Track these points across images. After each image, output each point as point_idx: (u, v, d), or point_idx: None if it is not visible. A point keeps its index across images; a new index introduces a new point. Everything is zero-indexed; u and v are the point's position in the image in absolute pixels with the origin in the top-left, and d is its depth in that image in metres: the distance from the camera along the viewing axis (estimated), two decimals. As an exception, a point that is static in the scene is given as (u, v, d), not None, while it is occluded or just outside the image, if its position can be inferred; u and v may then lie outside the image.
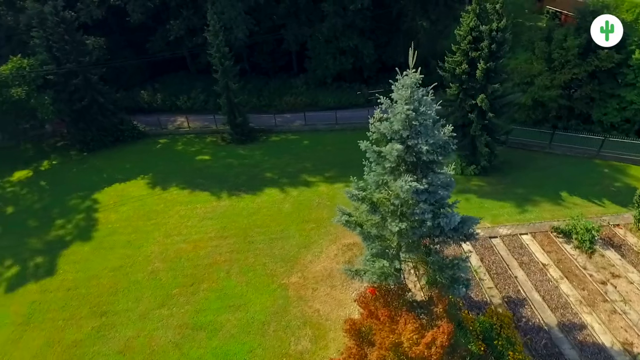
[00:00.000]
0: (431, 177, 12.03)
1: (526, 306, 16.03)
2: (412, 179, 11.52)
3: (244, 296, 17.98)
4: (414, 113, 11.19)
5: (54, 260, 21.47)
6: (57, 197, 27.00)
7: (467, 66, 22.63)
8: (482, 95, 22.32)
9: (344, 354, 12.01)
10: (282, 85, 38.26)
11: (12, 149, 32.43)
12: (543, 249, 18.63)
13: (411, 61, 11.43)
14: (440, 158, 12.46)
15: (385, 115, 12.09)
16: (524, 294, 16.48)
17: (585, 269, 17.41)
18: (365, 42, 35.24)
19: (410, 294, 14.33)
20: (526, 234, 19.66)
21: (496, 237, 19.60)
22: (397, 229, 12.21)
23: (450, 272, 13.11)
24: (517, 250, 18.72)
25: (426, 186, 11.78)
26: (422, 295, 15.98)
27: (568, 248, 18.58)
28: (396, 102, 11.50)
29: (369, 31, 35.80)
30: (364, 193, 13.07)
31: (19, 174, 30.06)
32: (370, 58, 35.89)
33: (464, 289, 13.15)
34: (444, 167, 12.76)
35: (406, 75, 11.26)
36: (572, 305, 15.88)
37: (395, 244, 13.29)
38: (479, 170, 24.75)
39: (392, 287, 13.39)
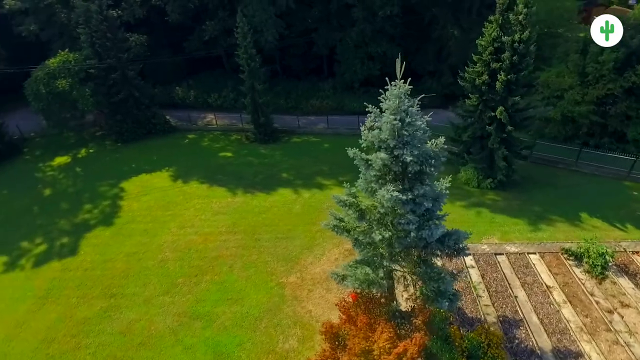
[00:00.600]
0: (418, 188, 12.01)
1: (522, 328, 15.51)
2: (394, 188, 11.58)
3: (243, 291, 18.57)
4: (400, 123, 11.26)
5: (78, 242, 23.08)
6: (89, 183, 28.93)
7: (487, 77, 22.11)
8: (501, 108, 21.73)
9: (318, 355, 12.22)
10: (310, 88, 38.81)
11: (56, 136, 35.00)
12: (550, 271, 17.90)
13: (399, 72, 11.53)
14: (430, 169, 12.36)
15: (375, 124, 12.21)
16: (521, 315, 15.94)
17: (592, 295, 16.58)
18: (394, 49, 35.07)
19: (395, 303, 14.31)
20: (534, 253, 18.94)
21: (502, 254, 19.03)
22: (379, 237, 12.30)
23: (435, 284, 13.01)
24: (521, 270, 18.10)
25: (410, 197, 11.80)
26: (408, 305, 15.85)
27: (577, 272, 17.74)
28: (384, 111, 11.61)
29: (398, 38, 35.65)
30: (352, 199, 13.24)
31: (59, 160, 32.44)
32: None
33: (446, 303, 12.99)
34: (439, 179, 12.72)
35: (394, 85, 11.35)
36: (571, 331, 15.20)
37: (381, 252, 13.34)
38: (495, 184, 24.04)
39: (376, 295, 13.45)
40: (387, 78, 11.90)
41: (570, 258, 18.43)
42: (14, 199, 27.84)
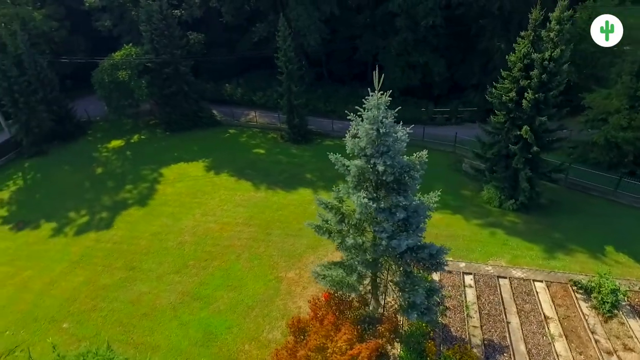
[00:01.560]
0: (393, 198, 12.28)
1: (505, 355, 15.01)
2: (366, 195, 11.98)
3: (243, 280, 19.69)
4: (376, 133, 11.65)
5: (114, 217, 25.66)
6: (134, 166, 31.84)
7: (515, 94, 21.35)
8: (526, 127, 20.88)
9: (282, 346, 12.89)
10: (350, 94, 39.25)
11: (116, 122, 38.68)
12: (553, 301, 17.02)
13: (376, 83, 11.89)
14: (410, 181, 12.60)
15: (358, 132, 12.66)
16: (509, 342, 15.40)
17: (593, 332, 15.57)
18: (437, 60, 34.62)
19: (370, 308, 14.55)
20: (541, 281, 18.06)
21: (505, 277, 18.37)
22: (352, 242, 12.72)
23: (407, 295, 13.15)
24: (522, 296, 17.38)
25: (383, 205, 12.11)
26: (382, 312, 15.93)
27: (583, 306, 16.71)
28: (363, 121, 12.05)
29: (443, 48, 35.07)
30: (335, 203, 13.75)
31: (115, 143, 35.94)
32: (440, 76, 35.17)
33: (415, 315, 13.04)
34: (429, 192, 12.86)
35: (372, 96, 11.76)
36: (559, 366, 14.47)
37: (355, 256, 13.70)
38: (517, 206, 23.04)
39: (349, 297, 13.84)
40: (367, 90, 12.30)
41: (580, 291, 17.36)
42: (72, 174, 31.43)
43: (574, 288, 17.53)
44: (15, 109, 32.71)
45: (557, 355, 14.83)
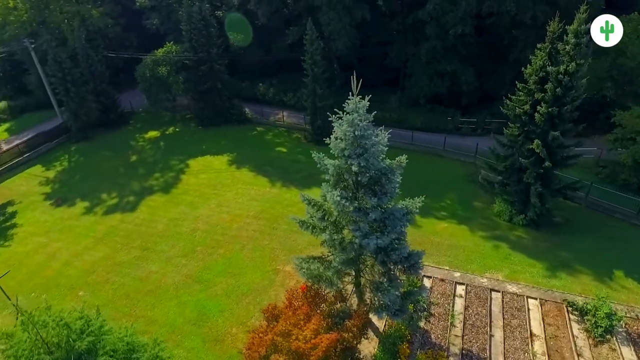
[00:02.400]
0: (367, 198, 12.80)
1: (481, 366, 14.96)
2: (339, 194, 12.56)
3: (243, 269, 20.76)
4: (352, 135, 12.22)
5: (139, 202, 27.72)
6: (165, 156, 34.05)
7: (529, 107, 20.93)
8: (537, 141, 20.42)
9: (254, 329, 13.71)
10: (378, 99, 39.53)
11: (156, 114, 41.33)
12: (543, 320, 16.63)
13: (354, 88, 12.43)
14: (386, 183, 13.02)
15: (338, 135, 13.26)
16: (487, 355, 15.30)
17: (579, 355, 15.11)
18: (466, 69, 34.14)
19: (346, 304, 15.04)
20: (535, 298, 17.65)
21: (499, 291, 18.12)
22: (327, 237, 13.33)
23: (380, 295, 13.55)
24: (511, 311, 17.11)
25: (357, 205, 12.66)
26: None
27: (575, 327, 16.21)
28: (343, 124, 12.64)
29: (473, 57, 34.52)
30: (319, 200, 14.42)
31: (152, 134, 38.51)
32: (468, 85, 34.64)
33: (384, 314, 13.41)
34: (414, 198, 13.24)
35: (351, 99, 12.34)
36: (535, 384, 14.22)
37: (332, 253, 14.28)
38: (526, 222, 22.48)
39: (324, 291, 14.43)
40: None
41: (575, 312, 16.82)
42: (110, 160, 34.15)
43: (569, 309, 17.01)
44: (67, 98, 35.97)
45: (535, 373, 14.59)
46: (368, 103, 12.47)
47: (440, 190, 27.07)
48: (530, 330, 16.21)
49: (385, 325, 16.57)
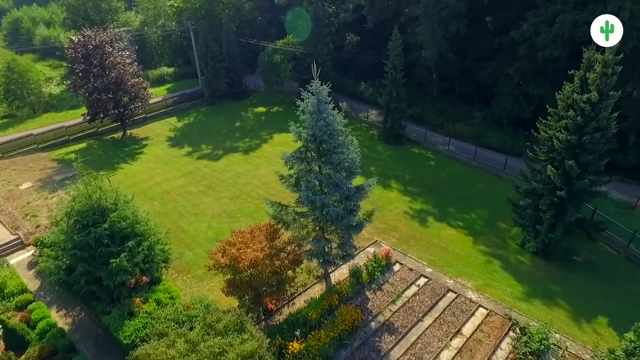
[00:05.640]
0: (323, 166, 16.25)
1: (392, 336, 16.74)
2: (298, 156, 16.29)
3: (263, 215, 25.51)
4: (317, 114, 15.82)
5: (222, 156, 34.98)
6: (260, 127, 41.05)
7: (555, 132, 20.55)
8: (550, 167, 20.10)
9: (224, 240, 18.25)
10: (463, 113, 39.88)
11: (269, 94, 49.11)
12: (480, 326, 17.27)
13: (315, 73, 15.83)
14: (339, 154, 16.25)
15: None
16: (404, 331, 16.97)
17: (491, 361, 15.72)
18: (554, 95, 32.27)
19: (295, 247, 18.37)
20: (486, 309, 18.13)
21: (456, 293, 19.04)
22: (287, 185, 17.16)
23: (314, 243, 16.85)
24: (454, 311, 18.07)
25: (309, 168, 16.28)
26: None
27: (506, 341, 16.59)
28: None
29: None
30: (294, 160, 18.22)
31: (260, 109, 46.24)
32: (555, 112, 32.70)
33: (313, 259, 16.68)
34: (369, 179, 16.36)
35: (312, 83, 15.87)
36: (431, 365, 15.61)
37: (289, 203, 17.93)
38: (534, 249, 21.94)
39: (282, 231, 18.19)
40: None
41: (517, 331, 16.98)
42: (220, 123, 42.74)
43: (513, 327, 17.20)
44: (206, 70, 46.02)
45: (437, 357, 15.85)
46: (329, 90, 15.76)
47: (473, 204, 27.43)
48: (459, 329, 17.14)
49: (336, 283, 19.45)
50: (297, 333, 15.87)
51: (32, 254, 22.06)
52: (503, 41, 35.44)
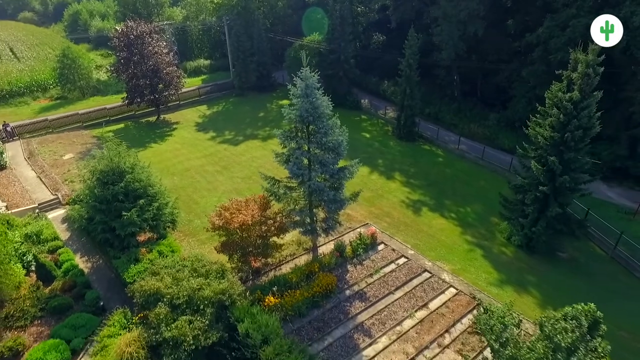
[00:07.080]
0: (308, 142, 18.25)
1: (361, 303, 18.42)
2: (288, 135, 18.37)
3: (268, 196, 27.86)
4: (306, 97, 17.84)
5: (243, 141, 37.70)
6: (282, 119, 43.20)
7: (541, 129, 21.39)
8: (534, 162, 20.99)
9: (222, 207, 20.57)
10: (478, 114, 40.45)
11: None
12: (445, 303, 18.60)
13: (304, 60, 17.78)
14: (325, 136, 18.18)
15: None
16: (373, 300, 18.60)
17: (447, 331, 17.09)
18: (568, 98, 32.45)
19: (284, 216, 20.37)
20: (456, 289, 19.40)
21: (431, 273, 20.38)
22: (279, 160, 19.26)
23: (297, 213, 18.86)
24: (425, 287, 19.46)
25: (298, 146, 18.32)
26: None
27: (467, 317, 17.88)
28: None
29: (581, 89, 32.41)
30: (288, 139, 20.27)
31: (284, 101, 48.50)
32: (567, 116, 32.83)
33: (298, 229, 18.61)
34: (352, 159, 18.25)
35: (303, 70, 17.85)
36: (375, 326, 17.18)
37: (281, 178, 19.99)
38: (519, 242, 22.80)
39: (273, 202, 20.29)
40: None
41: (480, 310, 18.18)
42: (246, 112, 45.60)
43: (477, 305, 18.40)
44: (237, 63, 49.08)
45: (399, 324, 17.41)
46: (318, 77, 17.69)
47: (470, 199, 28.42)
48: (427, 303, 18.55)
49: (321, 254, 21.33)
50: (275, 289, 17.92)
51: (66, 212, 25.48)
52: (522, 44, 35.81)
